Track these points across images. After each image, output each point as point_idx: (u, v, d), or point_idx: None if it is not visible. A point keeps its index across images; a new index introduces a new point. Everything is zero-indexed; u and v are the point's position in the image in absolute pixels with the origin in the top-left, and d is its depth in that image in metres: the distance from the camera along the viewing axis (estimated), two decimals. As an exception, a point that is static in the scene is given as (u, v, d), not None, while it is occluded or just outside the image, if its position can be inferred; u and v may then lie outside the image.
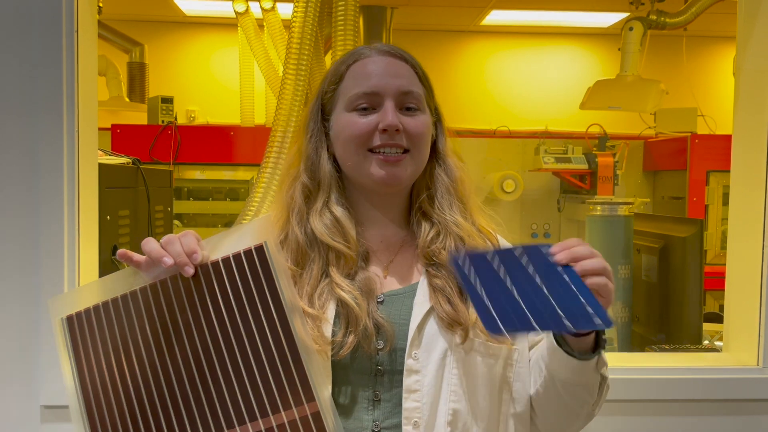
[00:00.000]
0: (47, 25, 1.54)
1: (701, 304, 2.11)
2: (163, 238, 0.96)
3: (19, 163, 1.55)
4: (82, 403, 0.95)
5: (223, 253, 0.96)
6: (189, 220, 3.82)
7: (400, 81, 1.10)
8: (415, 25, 5.21)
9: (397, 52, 1.14)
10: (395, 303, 1.09)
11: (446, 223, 1.13)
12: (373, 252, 1.14)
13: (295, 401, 0.92)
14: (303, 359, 0.93)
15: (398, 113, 1.09)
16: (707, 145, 3.88)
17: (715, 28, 4.81)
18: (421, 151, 1.12)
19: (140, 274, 0.97)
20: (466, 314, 1.06)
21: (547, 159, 3.75)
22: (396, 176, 1.09)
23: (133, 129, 3.79)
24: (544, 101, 5.43)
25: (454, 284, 1.08)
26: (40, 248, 1.55)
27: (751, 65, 1.79)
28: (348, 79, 1.12)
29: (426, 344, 1.05)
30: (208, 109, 5.26)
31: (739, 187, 1.83)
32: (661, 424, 1.71)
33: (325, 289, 1.07)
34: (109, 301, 0.97)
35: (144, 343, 0.95)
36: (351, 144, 1.10)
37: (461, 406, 1.05)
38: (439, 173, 1.16)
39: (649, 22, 3.89)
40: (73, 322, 0.97)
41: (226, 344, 0.94)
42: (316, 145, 1.15)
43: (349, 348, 1.03)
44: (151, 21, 5.32)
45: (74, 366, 0.96)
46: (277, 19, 3.40)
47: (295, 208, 1.13)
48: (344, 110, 1.11)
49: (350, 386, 1.05)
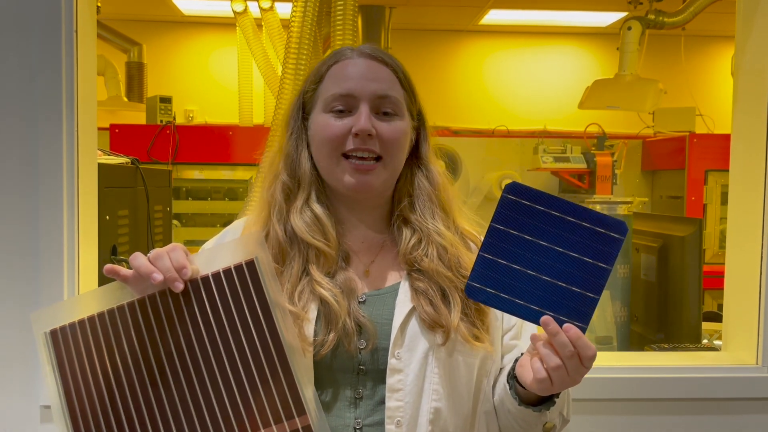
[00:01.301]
0: (47, 26, 1.54)
1: (700, 303, 2.12)
2: (151, 252, 0.95)
3: (19, 163, 1.55)
4: (69, 420, 0.93)
5: (212, 267, 0.95)
6: (188, 219, 3.82)
7: (378, 85, 1.09)
8: (413, 25, 5.21)
9: (378, 55, 1.12)
10: (377, 303, 1.09)
11: (428, 231, 1.12)
12: (354, 253, 1.14)
13: (287, 415, 0.92)
14: (294, 374, 0.92)
15: (374, 118, 1.08)
16: (705, 145, 3.88)
17: (714, 28, 4.82)
18: (395, 158, 1.11)
19: (127, 288, 0.96)
20: (448, 317, 1.06)
21: (545, 158, 3.75)
22: (367, 184, 1.08)
23: (131, 129, 3.78)
24: (543, 101, 5.43)
25: (436, 288, 1.08)
26: (39, 248, 1.55)
27: (750, 65, 1.79)
28: (327, 80, 1.12)
29: (408, 344, 1.06)
30: (207, 108, 5.25)
31: (739, 185, 1.83)
32: (661, 424, 1.71)
33: (305, 287, 1.07)
34: (95, 315, 0.95)
35: (132, 358, 0.93)
36: (324, 147, 1.09)
37: (443, 404, 1.06)
38: (421, 180, 1.16)
39: (647, 22, 3.89)
40: (57, 337, 0.95)
41: (216, 359, 0.93)
42: (296, 144, 1.15)
43: (329, 346, 1.02)
44: (149, 21, 5.32)
45: (59, 381, 0.94)
46: (275, 18, 3.40)
47: (275, 206, 1.13)
48: (321, 111, 1.11)
49: (332, 385, 1.05)
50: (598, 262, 0.93)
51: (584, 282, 0.93)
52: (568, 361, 0.91)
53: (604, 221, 0.93)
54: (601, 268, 0.93)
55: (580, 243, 0.93)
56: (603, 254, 0.93)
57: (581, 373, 0.93)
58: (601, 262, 0.93)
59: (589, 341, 0.92)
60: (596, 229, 0.93)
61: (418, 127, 1.17)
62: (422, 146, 1.17)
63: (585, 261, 0.93)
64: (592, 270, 0.93)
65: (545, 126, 5.21)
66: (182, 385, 0.92)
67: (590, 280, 0.93)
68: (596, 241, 0.93)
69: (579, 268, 0.93)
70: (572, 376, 0.92)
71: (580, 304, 0.93)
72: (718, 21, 4.41)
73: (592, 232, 0.93)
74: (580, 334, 0.91)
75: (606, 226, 0.93)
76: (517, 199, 0.94)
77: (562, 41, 5.58)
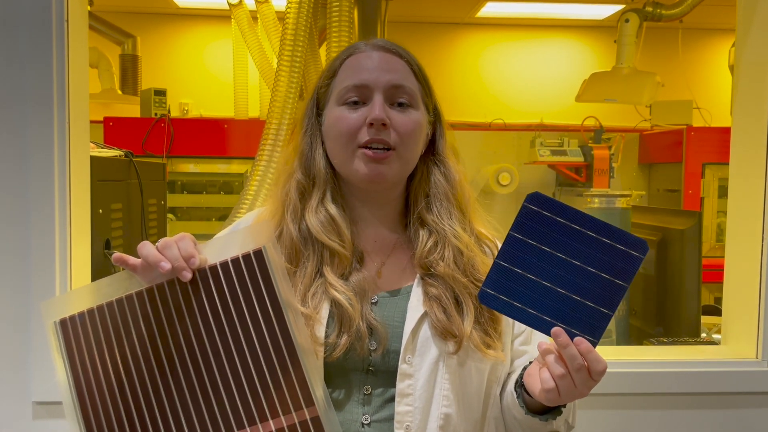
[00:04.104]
0: (37, 16, 1.51)
1: (699, 297, 2.11)
2: (159, 241, 0.94)
3: (9, 156, 1.53)
4: (78, 407, 0.94)
5: (220, 257, 0.95)
6: (183, 213, 3.79)
7: (392, 75, 1.08)
8: (410, 18, 5.19)
9: (392, 48, 1.12)
10: (389, 305, 1.08)
11: (445, 233, 1.11)
12: (367, 253, 1.13)
13: (295, 406, 0.92)
14: (302, 363, 0.92)
15: (388, 108, 1.07)
16: (703, 138, 3.87)
17: (711, 20, 4.81)
18: (409, 149, 1.09)
19: (135, 277, 0.95)
20: (461, 325, 1.05)
21: (542, 152, 3.74)
22: (380, 173, 1.07)
23: (125, 122, 3.75)
24: (540, 94, 5.42)
25: (450, 294, 1.07)
26: (31, 242, 1.53)
27: (751, 57, 1.78)
28: (341, 74, 1.11)
29: (420, 349, 1.05)
30: (202, 101, 5.23)
31: (739, 178, 1.82)
32: (660, 418, 1.70)
33: (319, 289, 1.06)
34: (104, 304, 0.95)
35: (140, 347, 0.94)
36: (340, 139, 1.08)
37: (453, 410, 1.05)
38: (438, 177, 1.14)
39: (644, 14, 3.87)
40: (67, 326, 0.95)
41: (224, 349, 0.93)
42: (310, 141, 1.14)
43: (342, 349, 1.02)
44: (143, 13, 5.28)
45: (69, 370, 0.94)
46: (271, 11, 3.37)
47: (290, 205, 1.12)
48: (335, 104, 1.10)
49: (341, 383, 1.05)
50: (616, 279, 0.92)
51: (599, 297, 0.92)
52: (576, 373, 0.91)
53: (625, 238, 0.92)
54: (617, 285, 0.92)
55: (598, 258, 0.92)
56: (621, 271, 0.92)
57: (589, 386, 0.92)
58: (618, 279, 0.92)
59: (600, 356, 0.92)
60: (616, 245, 0.92)
61: (434, 123, 1.16)
62: (438, 142, 1.16)
63: (602, 276, 0.92)
64: (608, 286, 0.92)
65: (542, 119, 5.20)
66: (190, 375, 0.93)
67: (605, 295, 0.92)
68: (615, 258, 0.92)
69: (595, 283, 0.92)
70: (580, 388, 0.92)
71: (592, 319, 0.92)
72: (716, 14, 4.40)
73: (612, 248, 0.92)
74: (591, 348, 0.91)
75: (627, 244, 0.92)
76: (538, 210, 0.94)
77: (559, 34, 5.57)
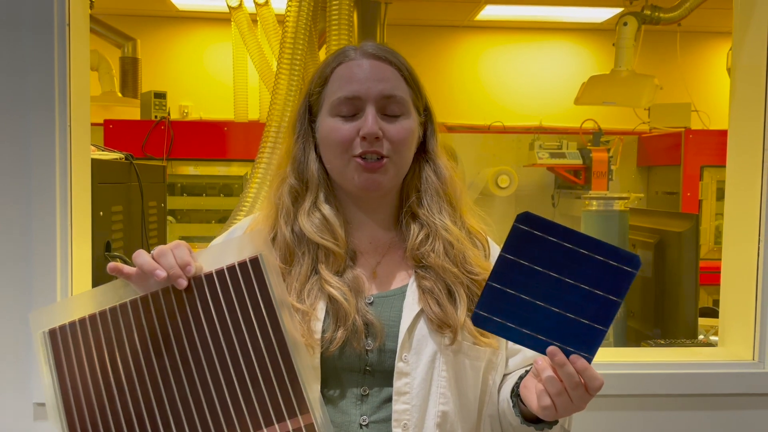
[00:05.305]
0: (39, 19, 1.52)
1: (697, 299, 2.12)
2: (155, 249, 0.94)
3: (11, 158, 1.54)
4: (65, 420, 0.91)
5: (216, 264, 0.94)
6: (182, 216, 3.80)
7: (383, 85, 1.09)
8: (409, 20, 5.20)
9: (382, 54, 1.12)
10: (384, 305, 1.09)
11: (435, 227, 1.12)
12: (361, 253, 1.14)
13: (289, 413, 0.91)
14: (298, 372, 0.92)
15: (380, 119, 1.08)
16: (701, 141, 3.88)
17: (709, 24, 4.82)
18: (403, 156, 1.11)
19: (130, 286, 0.95)
20: (455, 316, 1.06)
21: (541, 154, 3.75)
22: (376, 182, 1.09)
23: (125, 124, 3.76)
24: (539, 97, 5.43)
25: (442, 286, 1.08)
26: (32, 244, 1.54)
27: (747, 61, 1.79)
28: (332, 82, 1.12)
29: (416, 347, 1.05)
30: (202, 104, 5.23)
31: (735, 181, 1.83)
32: (657, 419, 1.71)
33: (314, 285, 1.07)
34: (96, 313, 0.93)
35: (133, 356, 0.92)
36: (334, 150, 1.10)
37: (449, 408, 1.06)
38: (429, 174, 1.16)
39: (643, 18, 3.88)
40: (56, 336, 0.93)
41: (219, 357, 0.92)
42: (303, 146, 1.15)
43: (338, 343, 1.02)
44: (143, 16, 5.29)
45: (56, 380, 0.92)
46: (270, 13, 3.39)
47: (282, 209, 1.13)
48: (328, 114, 1.11)
49: (339, 382, 1.05)
50: (609, 295, 0.92)
51: (593, 314, 0.92)
52: (572, 390, 0.91)
53: (616, 254, 0.92)
54: (611, 301, 0.92)
55: (591, 275, 0.92)
56: (614, 287, 0.92)
57: (586, 401, 0.93)
58: (611, 294, 0.92)
59: (596, 372, 0.92)
60: (608, 261, 0.92)
61: (425, 122, 1.17)
62: (430, 141, 1.17)
63: (595, 293, 0.92)
64: (602, 302, 0.92)
65: (541, 122, 5.21)
66: (184, 384, 0.92)
67: (599, 312, 0.92)
68: (608, 274, 0.92)
69: (589, 300, 0.92)
70: (577, 403, 0.92)
71: (587, 336, 0.92)
72: (714, 17, 4.41)
73: (604, 264, 0.92)
74: (587, 366, 0.91)
75: (619, 259, 0.92)
76: (528, 230, 0.94)
77: (558, 37, 5.57)
